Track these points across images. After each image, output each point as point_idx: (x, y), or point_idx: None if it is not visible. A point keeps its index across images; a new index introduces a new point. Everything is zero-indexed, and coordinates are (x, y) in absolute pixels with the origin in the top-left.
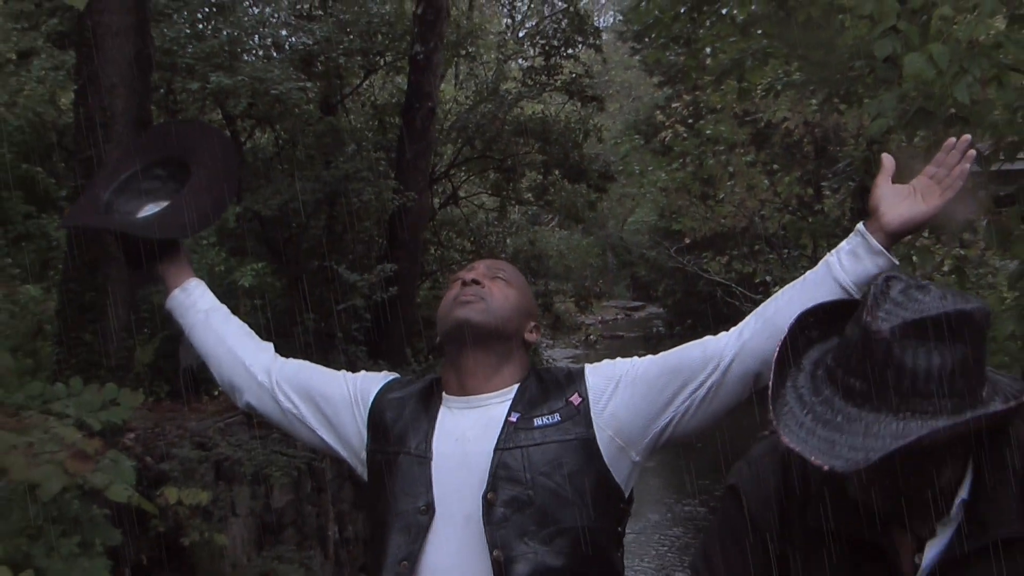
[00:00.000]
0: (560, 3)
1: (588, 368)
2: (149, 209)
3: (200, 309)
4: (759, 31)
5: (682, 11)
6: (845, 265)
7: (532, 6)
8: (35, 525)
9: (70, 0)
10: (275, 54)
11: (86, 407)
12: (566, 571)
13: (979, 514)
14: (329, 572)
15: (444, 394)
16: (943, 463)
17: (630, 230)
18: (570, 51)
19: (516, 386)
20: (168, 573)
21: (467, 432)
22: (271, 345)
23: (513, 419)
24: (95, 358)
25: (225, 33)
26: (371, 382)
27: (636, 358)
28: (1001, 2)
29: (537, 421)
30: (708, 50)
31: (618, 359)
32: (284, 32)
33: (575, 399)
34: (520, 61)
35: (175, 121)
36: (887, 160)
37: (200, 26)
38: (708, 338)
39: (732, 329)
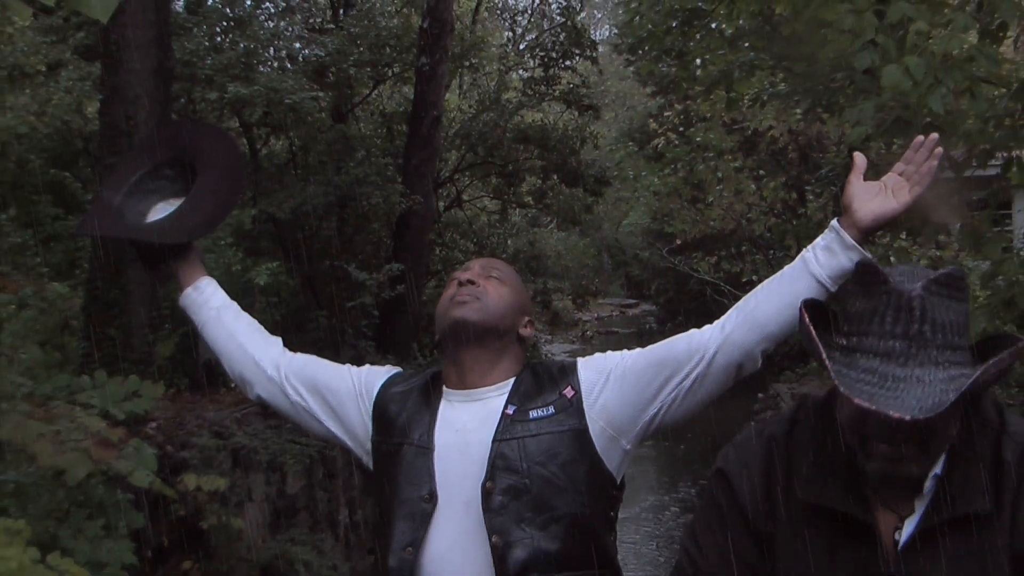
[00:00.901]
0: (558, 17)
1: (580, 362)
2: (160, 209)
3: (212, 306)
4: (746, 44)
5: (673, 25)
6: (821, 260)
7: (532, 20)
8: (62, 509)
9: (93, 13)
10: (289, 65)
11: (110, 398)
12: (561, 555)
13: (949, 490)
14: (339, 554)
15: (444, 388)
16: (955, 420)
17: (624, 232)
18: (568, 63)
19: (512, 380)
20: (188, 555)
21: (467, 424)
22: (280, 340)
23: (510, 411)
24: (119, 352)
25: (242, 46)
26: (375, 376)
27: (625, 351)
28: (974, 18)
29: (532, 413)
30: (698, 62)
31: (608, 353)
32: (298, 45)
33: (568, 392)
34: (520, 72)
35: (182, 122)
36: (859, 159)
37: (218, 39)
38: (693, 331)
39: (715, 323)
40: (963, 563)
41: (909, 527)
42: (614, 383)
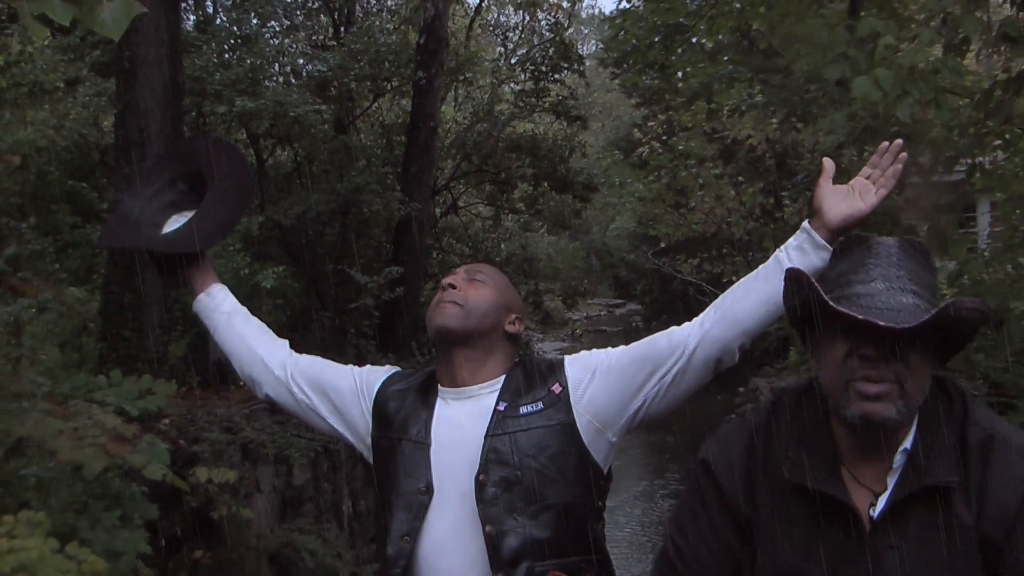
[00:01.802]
0: (547, 33)
1: (567, 359)
2: (175, 220)
3: (223, 311)
4: (725, 58)
5: (656, 40)
6: (793, 259)
7: (522, 36)
8: (80, 501)
9: (106, 32)
10: (294, 80)
11: (125, 396)
12: (552, 542)
13: (917, 462)
14: (343, 543)
15: (440, 386)
16: (929, 370)
17: (611, 235)
18: (556, 76)
19: (503, 377)
20: (200, 544)
21: (461, 420)
22: (287, 342)
23: (501, 408)
24: (133, 352)
25: (249, 62)
26: (375, 375)
27: (610, 349)
28: (939, 33)
29: (523, 409)
30: (680, 75)
31: (594, 350)
32: (301, 60)
33: (556, 388)
34: (512, 85)
35: (194, 138)
36: (828, 164)
37: (226, 56)
38: (673, 328)
39: (694, 320)
40: (931, 536)
41: (882, 503)
42: (600, 379)
